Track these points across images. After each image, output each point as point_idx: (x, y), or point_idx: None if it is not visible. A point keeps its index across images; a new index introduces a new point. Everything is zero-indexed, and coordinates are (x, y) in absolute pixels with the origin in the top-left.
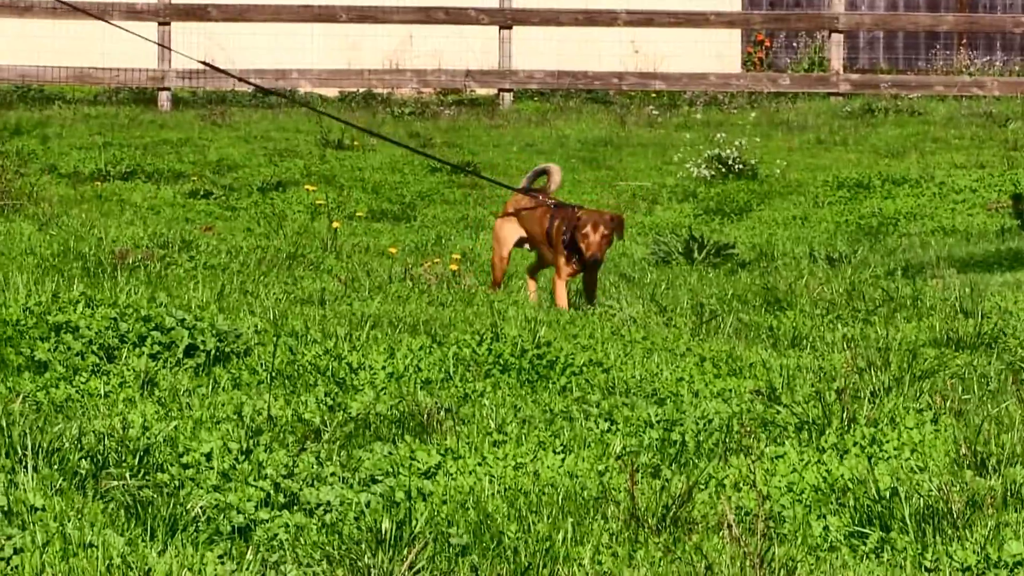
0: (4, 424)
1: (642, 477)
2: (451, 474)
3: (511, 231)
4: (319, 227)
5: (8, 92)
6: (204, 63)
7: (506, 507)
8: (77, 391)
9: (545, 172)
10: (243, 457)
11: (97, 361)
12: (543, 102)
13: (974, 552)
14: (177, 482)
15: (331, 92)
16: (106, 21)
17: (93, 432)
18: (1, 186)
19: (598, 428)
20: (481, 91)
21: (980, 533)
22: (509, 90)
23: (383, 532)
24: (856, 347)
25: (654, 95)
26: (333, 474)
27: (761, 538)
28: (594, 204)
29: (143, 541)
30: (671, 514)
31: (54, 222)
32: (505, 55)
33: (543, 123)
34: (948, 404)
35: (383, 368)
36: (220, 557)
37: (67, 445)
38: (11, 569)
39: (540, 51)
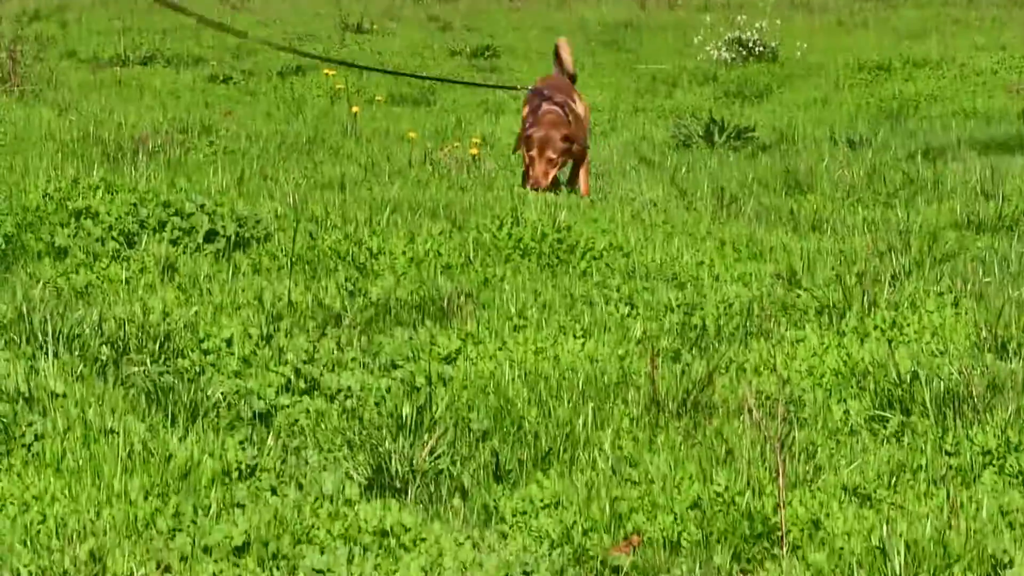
0: (25, 311)
1: (662, 361)
2: (471, 359)
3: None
4: (339, 111)
5: None
6: None
7: (526, 392)
8: (97, 277)
9: (556, 50)
10: (263, 343)
11: (117, 247)
12: None
13: (994, 436)
14: (198, 368)
15: None
16: None
17: (114, 318)
18: (21, 71)
19: (618, 312)
20: None
21: (1001, 417)
22: None
23: (404, 417)
24: (876, 230)
25: None
26: (354, 359)
27: (781, 422)
28: (614, 87)
29: (164, 427)
30: (691, 399)
31: (73, 107)
32: None
33: (563, 6)
34: (969, 287)
35: (403, 253)
36: (241, 443)
37: (88, 331)
38: (32, 455)
39: None
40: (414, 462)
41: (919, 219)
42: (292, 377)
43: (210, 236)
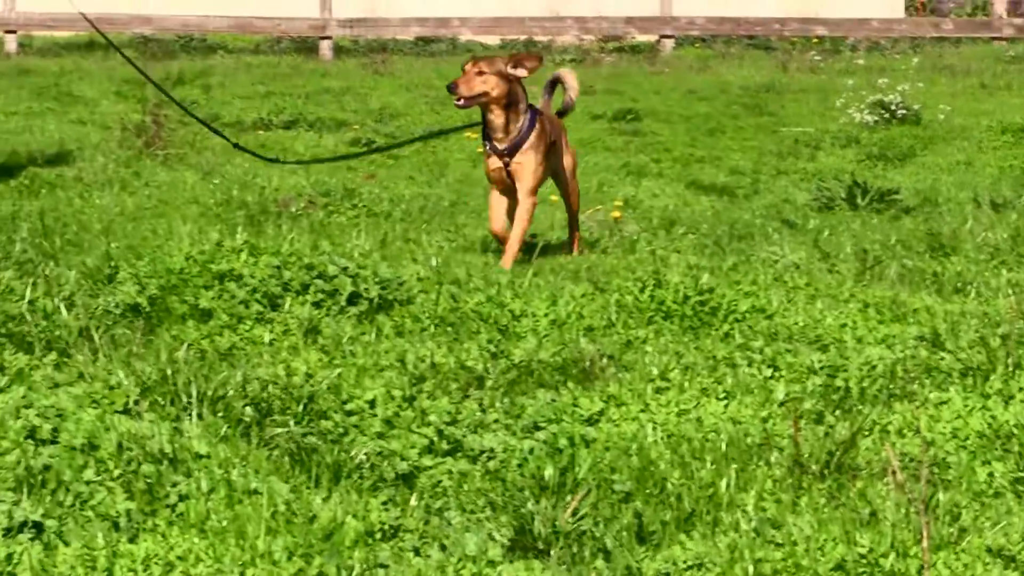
0: (169, 372)
1: (805, 424)
2: (614, 421)
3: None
4: (480, 175)
5: (171, 42)
6: None
7: (669, 453)
8: (241, 339)
9: (558, 81)
10: (406, 404)
11: (261, 309)
12: (704, 48)
13: None
14: (341, 429)
15: (492, 40)
16: None
17: (257, 379)
18: (165, 135)
19: (761, 375)
20: (642, 38)
21: None
22: (670, 36)
23: (546, 479)
24: (1021, 292)
25: (815, 40)
26: (496, 421)
27: (925, 484)
28: (756, 150)
29: (307, 488)
30: (835, 460)
31: (217, 171)
32: (666, 1)
33: (704, 69)
34: None
35: (545, 315)
36: (384, 504)
37: (231, 393)
38: (176, 516)
39: None
40: (557, 523)
41: None
42: (435, 438)
43: (353, 298)
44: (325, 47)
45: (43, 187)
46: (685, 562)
